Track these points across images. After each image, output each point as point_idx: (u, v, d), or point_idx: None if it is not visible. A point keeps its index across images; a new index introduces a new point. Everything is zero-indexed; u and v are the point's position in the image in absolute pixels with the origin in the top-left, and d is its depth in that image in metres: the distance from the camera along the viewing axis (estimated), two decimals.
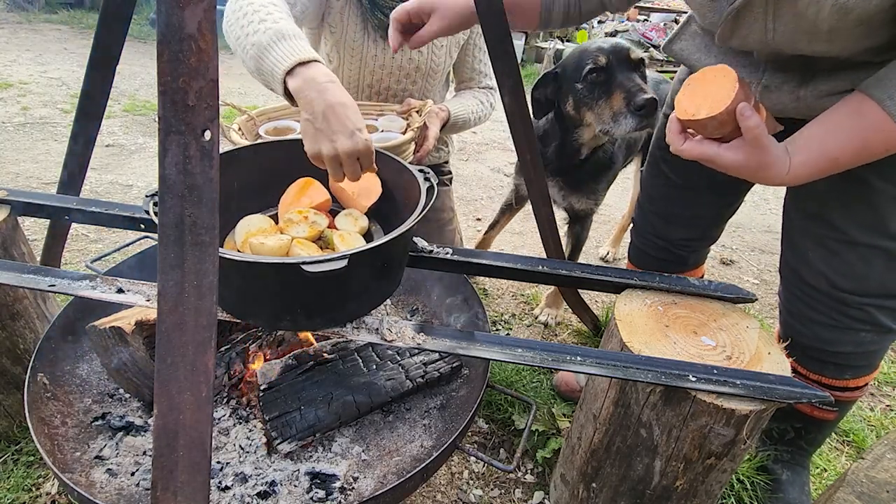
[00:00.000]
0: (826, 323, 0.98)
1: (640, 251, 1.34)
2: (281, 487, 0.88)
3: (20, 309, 1.14)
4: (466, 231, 2.61)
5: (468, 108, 1.57)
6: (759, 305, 2.23)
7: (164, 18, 0.45)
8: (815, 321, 1.00)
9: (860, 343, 0.98)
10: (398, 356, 1.09)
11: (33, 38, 5.50)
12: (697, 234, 1.25)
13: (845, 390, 1.05)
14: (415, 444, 0.98)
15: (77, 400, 1.00)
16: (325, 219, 0.97)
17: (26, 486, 1.16)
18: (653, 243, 1.29)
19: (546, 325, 1.91)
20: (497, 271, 1.07)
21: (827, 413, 1.13)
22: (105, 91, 1.14)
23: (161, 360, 0.51)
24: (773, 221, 3.13)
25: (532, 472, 1.34)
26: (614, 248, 2.48)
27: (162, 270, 0.50)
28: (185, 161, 0.48)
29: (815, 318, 1.00)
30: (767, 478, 1.26)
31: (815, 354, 1.03)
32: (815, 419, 1.15)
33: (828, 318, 0.98)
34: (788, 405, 1.13)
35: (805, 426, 1.19)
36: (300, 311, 0.81)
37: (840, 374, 1.03)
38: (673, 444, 0.86)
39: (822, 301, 0.97)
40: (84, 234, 2.19)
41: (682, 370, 0.81)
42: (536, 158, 1.17)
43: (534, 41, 7.14)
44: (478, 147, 3.90)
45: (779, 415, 1.23)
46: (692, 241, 1.26)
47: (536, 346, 0.85)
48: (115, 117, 3.58)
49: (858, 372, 1.03)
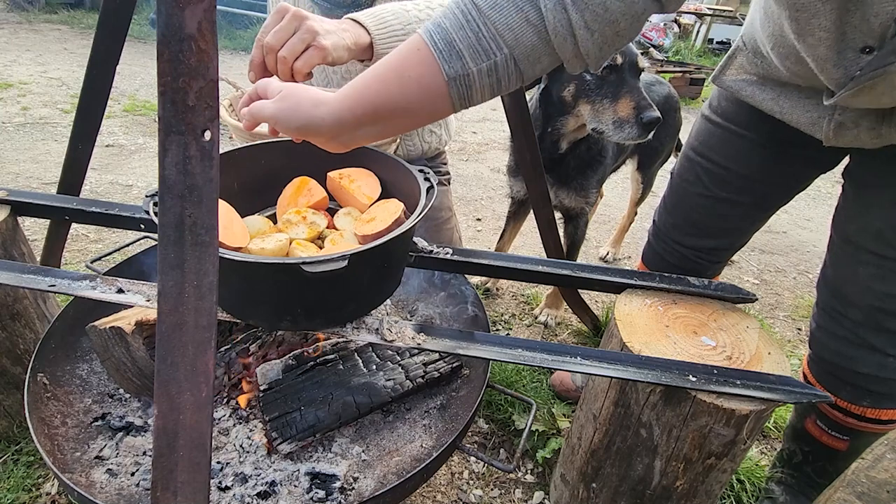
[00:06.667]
0: (852, 340, 0.95)
1: (657, 255, 1.27)
2: (281, 487, 0.88)
3: (20, 309, 1.14)
4: (466, 231, 2.61)
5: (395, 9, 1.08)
6: (759, 305, 2.23)
7: (164, 18, 0.45)
8: (842, 337, 0.96)
9: (883, 367, 0.93)
10: (398, 356, 1.09)
11: (33, 38, 5.50)
12: (725, 245, 1.18)
13: (862, 419, 1.00)
14: (415, 444, 0.98)
15: (77, 400, 1.00)
16: (324, 218, 0.97)
17: (26, 486, 1.16)
18: (674, 250, 1.22)
19: (546, 325, 1.91)
20: (497, 271, 1.07)
21: (837, 441, 1.06)
22: (105, 91, 1.14)
23: (161, 360, 0.51)
24: (773, 221, 3.10)
25: (532, 472, 1.34)
26: (614, 248, 2.48)
27: (162, 270, 0.50)
28: (185, 161, 0.48)
29: (841, 333, 0.96)
30: (766, 495, 1.24)
31: (835, 371, 0.99)
32: (825, 445, 1.09)
33: (854, 335, 0.94)
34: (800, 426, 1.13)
35: (813, 451, 1.14)
36: (300, 311, 0.81)
37: (857, 398, 0.98)
38: (673, 444, 0.86)
39: (856, 318, 0.94)
40: (84, 234, 2.19)
41: (682, 370, 0.81)
42: (536, 158, 1.17)
43: None
44: (478, 147, 3.90)
45: (790, 433, 1.20)
46: (718, 252, 1.19)
47: (536, 346, 0.85)
48: (115, 117, 3.58)
49: (879, 401, 0.97)
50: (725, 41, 9.05)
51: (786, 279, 2.48)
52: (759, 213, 1.12)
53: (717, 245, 1.17)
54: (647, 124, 1.25)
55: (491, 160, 3.66)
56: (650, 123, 1.25)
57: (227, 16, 6.56)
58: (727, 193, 1.09)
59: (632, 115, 1.27)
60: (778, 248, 2.74)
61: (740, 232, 1.16)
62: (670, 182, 1.22)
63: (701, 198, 1.12)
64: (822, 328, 1.01)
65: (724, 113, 1.07)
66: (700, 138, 1.12)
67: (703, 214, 1.14)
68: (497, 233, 2.08)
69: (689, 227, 1.18)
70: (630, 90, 1.30)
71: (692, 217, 1.16)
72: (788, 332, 2.09)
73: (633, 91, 1.30)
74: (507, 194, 1.91)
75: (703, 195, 1.12)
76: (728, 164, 1.07)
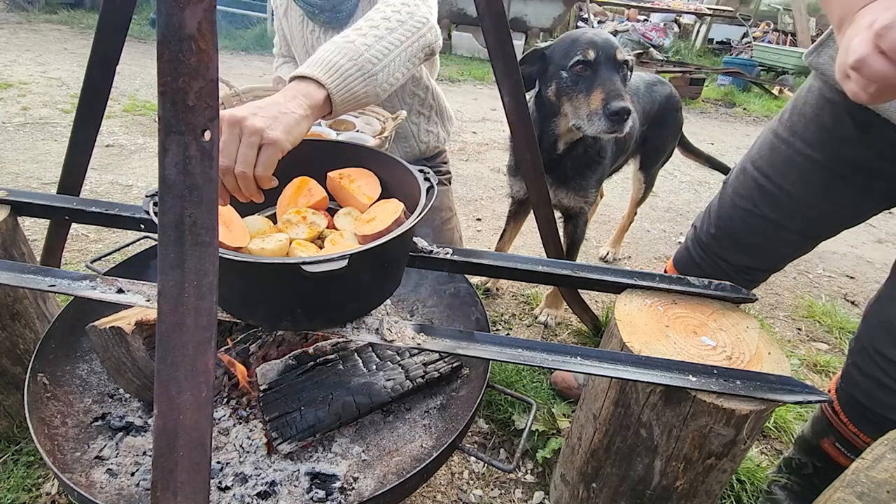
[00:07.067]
0: (891, 388, 0.92)
1: (694, 264, 1.22)
2: (281, 487, 0.88)
3: (20, 309, 1.14)
4: (466, 231, 2.61)
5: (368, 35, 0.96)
6: (759, 305, 2.23)
7: (164, 18, 0.45)
8: (882, 384, 0.94)
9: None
10: (398, 356, 1.09)
11: (33, 38, 5.50)
12: (761, 266, 1.15)
13: None
14: (415, 444, 0.98)
15: (77, 400, 1.00)
16: (324, 218, 0.97)
17: (26, 486, 1.16)
18: (713, 263, 1.18)
19: (546, 325, 1.91)
20: (497, 271, 1.07)
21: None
22: (105, 91, 1.14)
23: (161, 360, 0.51)
24: None
25: (532, 472, 1.34)
26: (614, 248, 2.48)
27: (162, 270, 0.50)
28: (185, 161, 0.48)
29: (884, 380, 0.93)
30: (767, 497, 1.22)
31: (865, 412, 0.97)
32: (840, 466, 1.06)
33: (891, 379, 0.92)
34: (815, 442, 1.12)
35: (826, 468, 1.12)
36: (300, 311, 0.81)
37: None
38: (673, 444, 0.86)
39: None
40: (84, 234, 2.19)
41: (682, 370, 0.81)
42: (537, 158, 1.17)
43: (534, 41, 7.15)
44: (478, 147, 3.90)
45: (802, 445, 1.18)
46: (753, 271, 1.16)
47: (536, 346, 0.85)
48: (115, 117, 3.58)
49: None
50: (725, 41, 9.05)
51: (786, 279, 2.48)
52: (802, 242, 1.09)
53: (753, 264, 1.14)
54: (612, 114, 1.23)
55: (491, 160, 3.66)
56: (615, 113, 1.23)
57: (227, 16, 6.56)
58: (777, 216, 1.05)
59: (599, 107, 1.26)
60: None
61: (779, 257, 1.13)
62: (722, 191, 1.18)
63: (749, 214, 1.09)
64: (858, 368, 0.98)
65: (792, 126, 1.01)
66: (762, 153, 1.08)
67: (746, 231, 1.11)
68: (497, 233, 2.08)
69: (729, 240, 1.14)
70: (602, 82, 1.29)
71: (735, 231, 1.13)
72: (788, 332, 2.09)
73: (605, 83, 1.28)
74: (507, 194, 1.91)
75: (751, 212, 1.08)
76: (785, 185, 1.02)
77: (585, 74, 1.32)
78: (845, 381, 1.02)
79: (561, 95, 1.39)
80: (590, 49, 1.31)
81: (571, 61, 1.32)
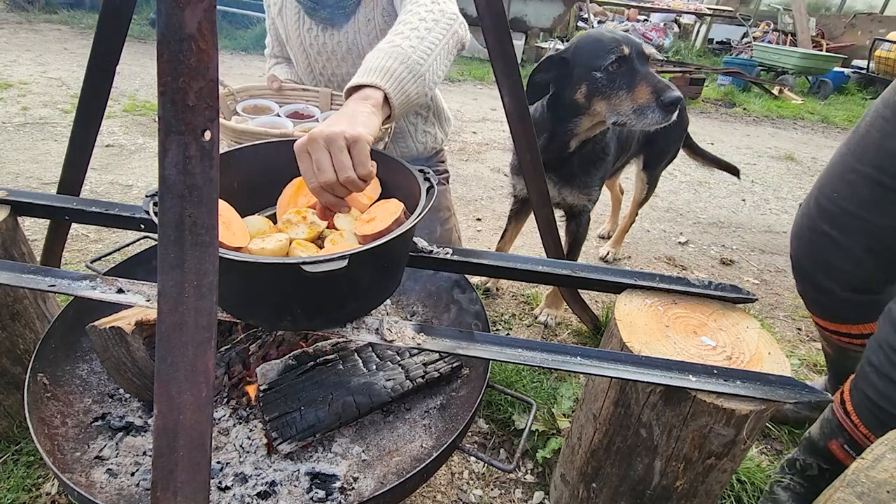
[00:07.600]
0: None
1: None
2: (281, 487, 0.88)
3: (20, 309, 1.14)
4: (466, 231, 2.61)
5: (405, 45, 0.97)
6: (759, 305, 2.23)
7: (164, 18, 0.45)
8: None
9: None
10: (398, 356, 1.09)
11: (33, 38, 5.51)
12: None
13: None
14: (415, 444, 0.98)
15: (77, 400, 1.00)
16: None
17: (26, 486, 1.16)
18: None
19: (546, 325, 1.91)
20: (497, 271, 1.07)
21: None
22: (105, 91, 1.14)
23: (161, 360, 0.51)
24: (773, 221, 3.13)
25: (532, 472, 1.34)
26: (614, 248, 2.48)
27: (162, 270, 0.50)
28: (185, 161, 0.48)
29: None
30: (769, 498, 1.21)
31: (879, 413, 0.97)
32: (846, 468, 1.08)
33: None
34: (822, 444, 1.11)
35: (833, 470, 1.11)
36: (300, 311, 0.81)
37: None
38: (673, 444, 0.86)
39: None
40: (84, 234, 2.19)
41: (682, 370, 0.81)
42: (537, 158, 1.17)
43: (534, 41, 7.15)
44: (478, 147, 3.90)
45: (808, 447, 1.18)
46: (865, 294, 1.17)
47: (536, 346, 0.85)
48: (115, 117, 3.58)
49: None
50: (725, 41, 9.05)
51: (786, 279, 2.48)
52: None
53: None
54: (668, 105, 1.25)
55: (491, 160, 3.66)
56: (672, 103, 1.24)
57: (227, 16, 6.56)
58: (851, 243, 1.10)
59: (651, 100, 1.27)
60: (778, 248, 2.74)
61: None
62: (799, 210, 1.24)
63: (826, 244, 1.15)
64: (874, 367, 0.98)
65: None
66: (831, 187, 1.14)
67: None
68: (497, 233, 2.08)
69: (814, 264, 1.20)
70: (645, 76, 1.30)
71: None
72: (788, 332, 2.09)
73: (648, 76, 1.30)
74: (509, 192, 1.91)
75: (825, 242, 1.15)
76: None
77: (622, 71, 1.32)
78: (860, 380, 1.02)
79: (593, 96, 1.38)
80: (623, 45, 1.31)
81: (608, 61, 1.32)
